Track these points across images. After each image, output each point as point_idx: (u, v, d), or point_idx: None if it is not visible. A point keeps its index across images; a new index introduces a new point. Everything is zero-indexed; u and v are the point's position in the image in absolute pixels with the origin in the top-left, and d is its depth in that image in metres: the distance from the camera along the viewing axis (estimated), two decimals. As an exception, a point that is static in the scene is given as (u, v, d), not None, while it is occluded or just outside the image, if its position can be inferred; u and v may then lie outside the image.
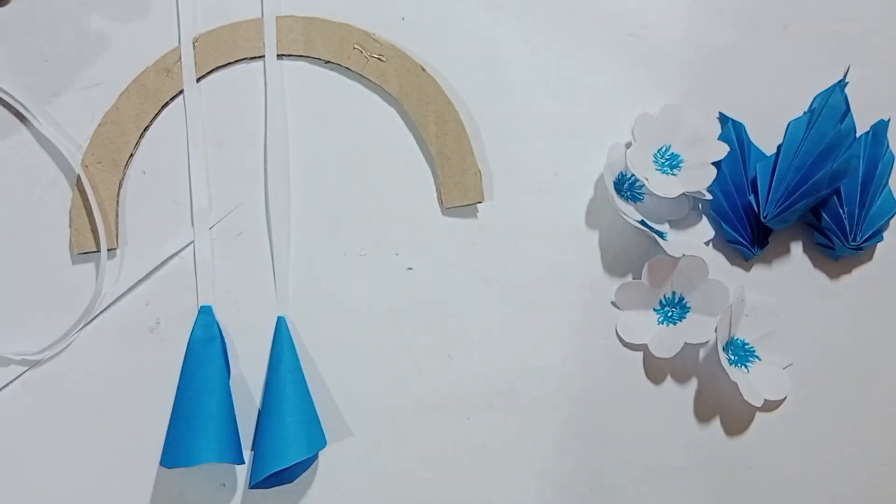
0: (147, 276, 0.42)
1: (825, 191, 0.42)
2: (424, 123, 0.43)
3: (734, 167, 0.43)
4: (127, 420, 0.41)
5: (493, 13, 0.45)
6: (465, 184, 0.43)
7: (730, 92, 0.45)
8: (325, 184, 0.43)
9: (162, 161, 0.43)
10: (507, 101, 0.44)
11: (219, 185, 0.43)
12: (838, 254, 0.43)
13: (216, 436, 0.38)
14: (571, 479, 0.42)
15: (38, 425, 0.41)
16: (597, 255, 0.43)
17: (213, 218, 0.42)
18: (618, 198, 0.42)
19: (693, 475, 0.42)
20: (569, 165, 0.44)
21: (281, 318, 0.41)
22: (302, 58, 0.44)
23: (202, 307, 0.41)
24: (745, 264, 0.44)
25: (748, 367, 0.42)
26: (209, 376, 0.39)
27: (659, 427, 0.42)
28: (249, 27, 0.43)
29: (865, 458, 0.43)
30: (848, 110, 0.43)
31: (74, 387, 0.41)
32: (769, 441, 0.43)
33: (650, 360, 0.43)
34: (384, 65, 0.43)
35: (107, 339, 0.41)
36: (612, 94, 0.45)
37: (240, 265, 0.42)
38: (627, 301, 0.43)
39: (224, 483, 0.41)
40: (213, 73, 0.43)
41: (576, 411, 0.42)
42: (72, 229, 0.41)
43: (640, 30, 0.45)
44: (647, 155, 0.43)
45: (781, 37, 0.46)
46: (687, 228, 0.43)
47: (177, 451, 0.38)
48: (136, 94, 0.42)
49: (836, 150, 0.42)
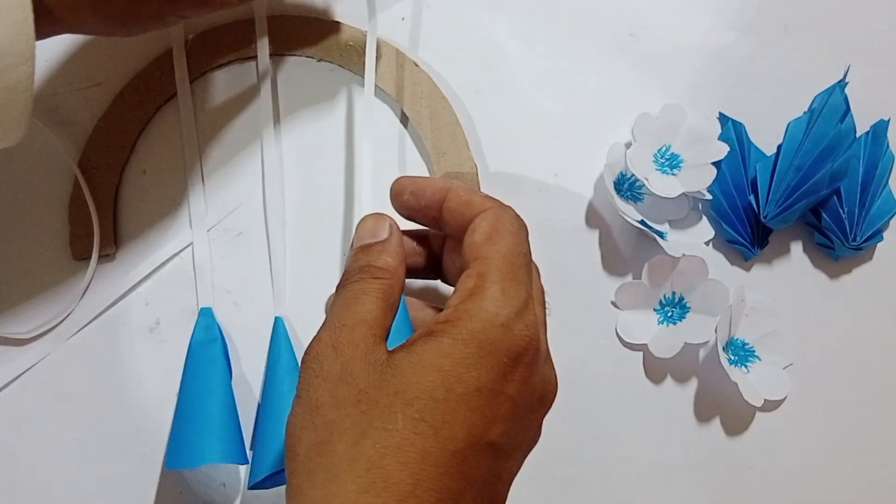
0: (147, 277, 0.42)
1: (825, 191, 0.42)
2: (419, 119, 0.43)
3: (734, 167, 0.43)
4: (127, 420, 0.41)
5: (492, 13, 0.45)
6: (461, 178, 0.43)
7: (730, 92, 0.45)
8: (322, 182, 0.43)
9: (161, 162, 0.43)
10: (506, 101, 0.44)
11: (218, 185, 0.43)
12: (838, 254, 0.43)
13: (219, 436, 0.38)
14: (571, 479, 0.42)
15: (38, 425, 0.41)
16: (597, 255, 0.43)
17: (212, 219, 0.42)
18: (618, 198, 0.42)
19: (693, 475, 0.42)
20: (569, 165, 0.44)
21: (279, 318, 0.41)
22: (295, 56, 0.44)
23: (202, 309, 0.41)
24: (745, 264, 0.44)
25: (748, 367, 0.42)
26: (211, 378, 0.39)
27: (659, 427, 0.42)
28: (242, 27, 0.43)
29: (865, 458, 0.43)
30: (848, 110, 0.43)
31: (74, 387, 0.41)
32: (769, 441, 0.43)
33: (650, 360, 0.43)
34: (378, 61, 0.43)
35: (106, 339, 0.41)
36: (612, 93, 0.45)
37: (240, 265, 0.42)
38: (627, 301, 0.43)
39: (224, 483, 0.41)
40: (207, 74, 0.43)
41: (576, 411, 0.42)
42: (70, 232, 0.41)
43: (640, 30, 0.45)
44: (647, 155, 0.43)
45: (781, 37, 0.46)
46: (687, 228, 0.43)
47: (180, 453, 0.38)
48: (132, 96, 0.42)
49: (835, 150, 0.42)
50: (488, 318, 0.29)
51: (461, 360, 0.28)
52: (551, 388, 0.32)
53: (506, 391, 0.29)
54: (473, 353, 0.28)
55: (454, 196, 0.34)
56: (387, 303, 0.31)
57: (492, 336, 0.29)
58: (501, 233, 0.32)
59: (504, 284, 0.30)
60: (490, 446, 0.28)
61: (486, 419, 0.28)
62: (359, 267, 0.33)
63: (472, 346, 0.28)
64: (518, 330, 0.29)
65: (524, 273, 0.31)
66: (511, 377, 0.29)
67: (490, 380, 0.28)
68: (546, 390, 0.31)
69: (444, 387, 0.28)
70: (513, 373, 0.29)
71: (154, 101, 0.42)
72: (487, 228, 0.32)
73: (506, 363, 0.29)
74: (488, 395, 0.28)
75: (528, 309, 0.30)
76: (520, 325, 0.29)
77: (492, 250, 0.31)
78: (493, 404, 0.28)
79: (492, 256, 0.31)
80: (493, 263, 0.31)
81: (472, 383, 0.28)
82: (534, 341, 0.30)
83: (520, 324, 0.29)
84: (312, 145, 0.43)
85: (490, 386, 0.28)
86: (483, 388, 0.28)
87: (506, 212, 0.33)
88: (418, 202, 0.35)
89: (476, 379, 0.28)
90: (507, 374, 0.29)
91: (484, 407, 0.28)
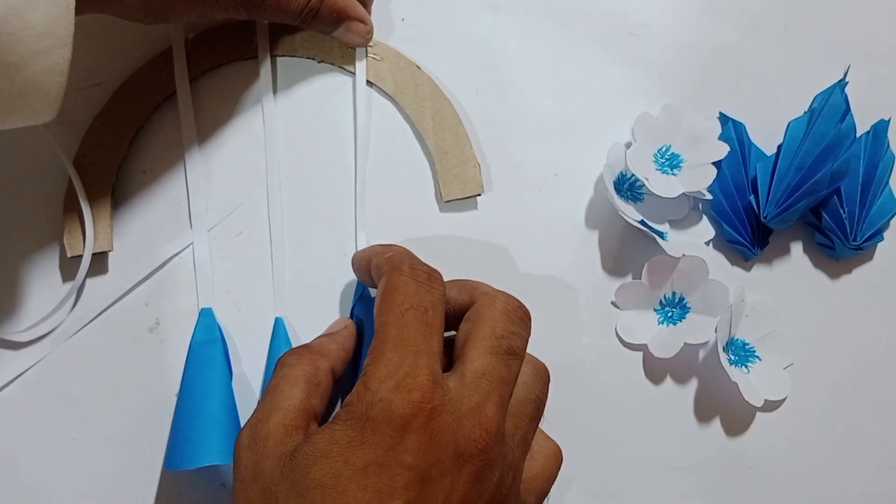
0: (147, 277, 0.42)
1: (825, 191, 0.42)
2: (421, 120, 0.43)
3: (734, 167, 0.43)
4: (127, 420, 0.41)
5: (492, 13, 0.45)
6: (463, 176, 0.43)
7: (730, 91, 0.45)
8: (322, 183, 0.43)
9: (161, 162, 0.43)
10: (506, 101, 0.44)
11: (218, 185, 0.43)
12: (839, 254, 0.43)
13: (220, 437, 0.38)
14: (571, 479, 0.42)
15: (37, 426, 0.41)
16: (597, 255, 0.43)
17: (212, 219, 0.42)
18: (618, 198, 0.42)
19: (693, 475, 0.42)
20: (569, 165, 0.44)
21: (279, 318, 0.41)
22: (295, 56, 0.44)
23: (203, 309, 0.41)
24: (746, 264, 0.44)
25: (748, 367, 0.42)
26: (211, 378, 0.39)
27: (659, 427, 0.42)
28: (242, 27, 0.43)
29: (865, 458, 0.43)
30: (848, 110, 0.43)
31: (74, 387, 0.41)
32: (769, 441, 0.43)
33: (650, 360, 0.43)
34: (379, 63, 0.43)
35: (106, 339, 0.41)
36: (611, 93, 0.45)
37: (240, 265, 0.42)
38: (627, 301, 0.43)
39: (224, 483, 0.41)
40: (207, 73, 0.43)
41: (575, 411, 0.42)
42: (64, 229, 0.41)
43: (640, 29, 0.45)
44: (647, 155, 0.43)
45: (781, 37, 0.46)
46: (687, 228, 0.43)
47: (180, 454, 0.38)
48: (130, 94, 0.42)
49: (836, 150, 0.42)
50: (370, 396, 0.29)
51: (346, 444, 0.29)
52: (471, 444, 0.29)
53: (401, 461, 0.28)
54: (357, 434, 0.29)
55: (374, 260, 0.35)
56: (309, 384, 0.32)
57: (373, 414, 0.29)
58: (389, 292, 0.32)
59: (387, 355, 0.30)
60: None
61: (380, 494, 0.28)
62: (288, 352, 0.35)
63: (356, 428, 0.29)
64: (399, 399, 0.29)
65: (413, 331, 0.31)
66: (402, 447, 0.28)
67: (377, 456, 0.28)
68: (462, 449, 0.29)
69: (331, 473, 0.28)
70: (403, 443, 0.28)
71: (153, 99, 0.42)
72: (381, 290, 0.33)
73: (392, 434, 0.28)
74: (377, 471, 0.28)
75: (415, 372, 0.29)
76: (401, 394, 0.29)
77: (381, 316, 0.32)
78: (385, 478, 0.28)
79: (380, 323, 0.31)
80: (380, 332, 0.31)
81: (358, 463, 0.28)
82: (422, 404, 0.29)
83: (401, 393, 0.29)
84: (313, 146, 0.43)
85: (379, 461, 0.28)
86: (371, 465, 0.28)
87: (396, 271, 0.33)
88: (359, 271, 0.38)
89: (362, 458, 0.28)
90: (395, 445, 0.28)
91: (375, 483, 0.28)
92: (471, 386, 0.30)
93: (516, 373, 0.32)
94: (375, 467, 0.28)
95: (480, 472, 0.29)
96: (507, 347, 0.32)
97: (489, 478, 0.30)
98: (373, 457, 0.28)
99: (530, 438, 0.33)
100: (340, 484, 0.28)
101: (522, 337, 0.33)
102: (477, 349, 0.32)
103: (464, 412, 0.30)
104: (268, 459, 0.30)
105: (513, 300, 0.34)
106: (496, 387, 0.31)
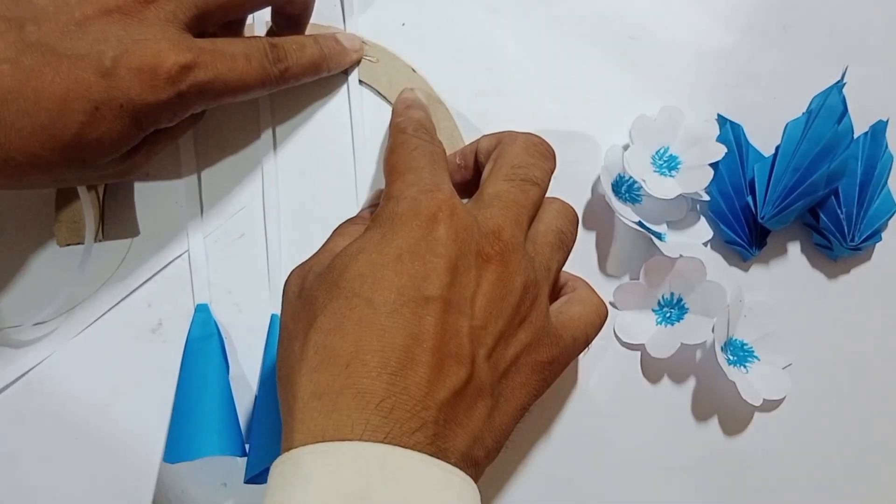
0: (149, 279, 0.42)
1: (822, 191, 0.42)
2: None
3: (732, 168, 0.43)
4: (128, 420, 0.41)
5: (492, 16, 0.45)
6: None
7: (728, 93, 0.45)
8: (321, 184, 0.43)
9: (161, 163, 0.43)
10: (506, 102, 0.45)
11: (219, 187, 0.43)
12: (836, 254, 0.43)
13: (217, 430, 0.38)
14: (570, 479, 0.42)
15: (39, 426, 0.41)
16: (595, 255, 0.44)
17: (213, 221, 0.43)
18: (615, 199, 0.42)
19: (692, 475, 0.42)
20: (567, 167, 0.44)
21: (274, 315, 0.41)
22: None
23: (199, 305, 0.41)
24: (744, 265, 0.44)
25: (747, 367, 0.42)
26: (208, 372, 0.39)
27: (657, 427, 0.43)
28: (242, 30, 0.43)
29: (865, 458, 0.43)
30: (845, 111, 0.43)
31: (76, 387, 0.41)
32: (768, 441, 0.43)
33: (648, 360, 0.43)
34: (374, 66, 0.44)
35: (108, 339, 0.42)
36: (610, 96, 0.45)
37: (241, 267, 0.43)
38: (625, 301, 0.43)
39: (225, 483, 0.41)
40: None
41: (574, 411, 0.42)
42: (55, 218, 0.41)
43: (639, 31, 0.46)
44: (644, 157, 0.43)
45: (780, 38, 0.46)
46: (685, 229, 0.44)
47: (178, 446, 0.38)
48: None
49: (833, 151, 0.42)
50: (395, 200, 0.32)
51: (379, 239, 0.31)
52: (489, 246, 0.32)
53: (432, 249, 0.30)
54: (389, 230, 0.31)
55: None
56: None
57: (401, 210, 0.31)
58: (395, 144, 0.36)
59: (405, 175, 0.33)
60: (430, 301, 0.29)
61: (415, 279, 0.30)
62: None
63: (387, 226, 0.31)
64: (425, 198, 0.31)
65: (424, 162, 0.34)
66: (432, 236, 0.30)
67: (409, 244, 0.30)
68: (482, 248, 0.32)
69: (368, 263, 0.30)
70: (432, 232, 0.31)
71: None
72: (387, 147, 0.36)
73: (421, 226, 0.31)
74: (411, 258, 0.30)
75: (435, 182, 0.32)
76: (426, 194, 0.32)
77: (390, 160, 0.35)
78: (419, 265, 0.30)
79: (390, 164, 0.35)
80: (392, 166, 0.34)
81: (392, 253, 0.30)
82: (446, 201, 0.31)
83: (425, 194, 0.32)
84: (312, 147, 0.44)
85: (412, 249, 0.30)
86: (404, 254, 0.30)
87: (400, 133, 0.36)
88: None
89: (395, 248, 0.30)
90: (426, 235, 0.30)
91: (410, 269, 0.30)
92: (486, 202, 0.33)
93: (534, 200, 0.34)
94: (409, 255, 0.30)
95: (503, 275, 0.31)
96: (524, 175, 0.34)
97: (512, 283, 0.31)
98: (406, 246, 0.30)
99: (554, 268, 0.35)
100: (377, 271, 0.30)
101: (541, 168, 0.35)
102: (494, 178, 0.34)
103: (481, 220, 0.32)
104: (310, 275, 0.32)
105: (534, 136, 0.36)
106: (511, 206, 0.33)
